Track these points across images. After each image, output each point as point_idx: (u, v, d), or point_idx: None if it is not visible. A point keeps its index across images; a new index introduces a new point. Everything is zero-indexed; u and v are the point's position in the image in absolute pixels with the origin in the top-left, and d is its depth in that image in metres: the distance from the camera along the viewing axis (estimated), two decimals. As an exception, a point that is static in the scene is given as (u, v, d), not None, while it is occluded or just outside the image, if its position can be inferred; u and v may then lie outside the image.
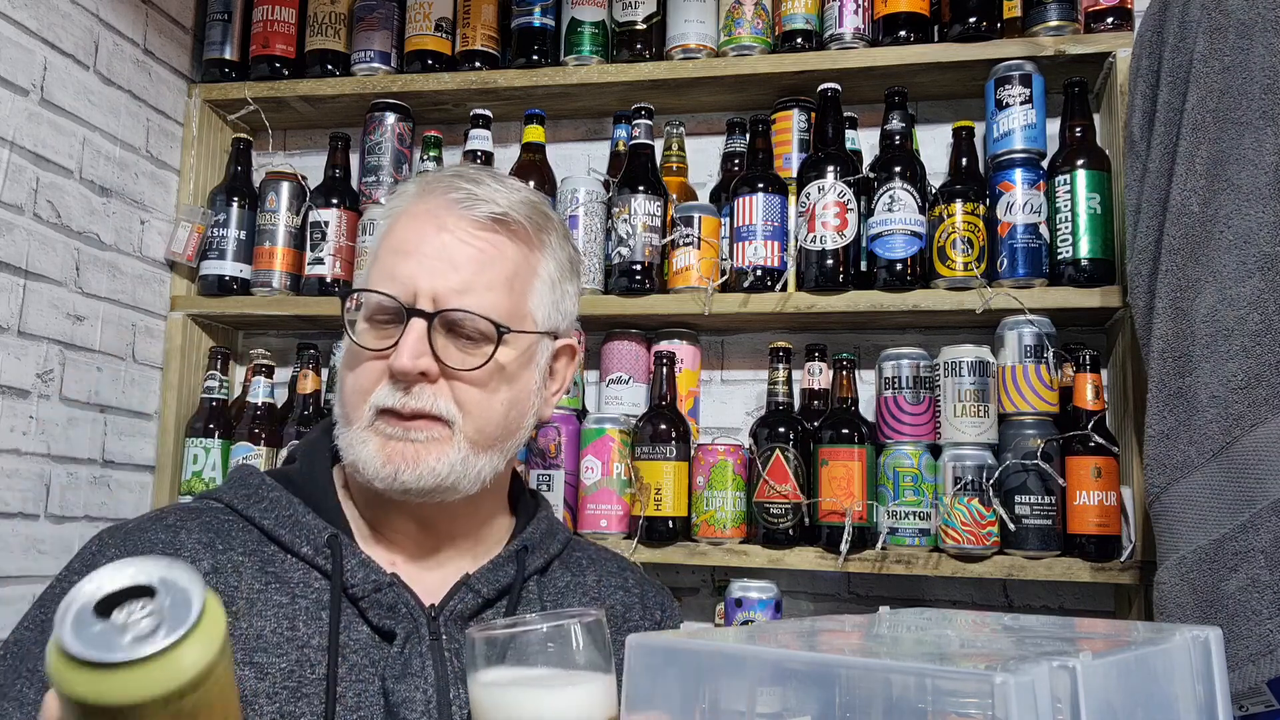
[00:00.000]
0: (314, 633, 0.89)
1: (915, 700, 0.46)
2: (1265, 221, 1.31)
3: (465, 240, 0.95)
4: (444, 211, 0.96)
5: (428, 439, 0.92)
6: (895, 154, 1.78)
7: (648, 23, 1.95)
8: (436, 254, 0.94)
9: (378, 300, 0.95)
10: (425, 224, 0.95)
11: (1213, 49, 1.40)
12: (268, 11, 2.08)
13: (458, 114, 2.08)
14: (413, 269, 0.93)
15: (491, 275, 0.95)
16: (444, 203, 0.96)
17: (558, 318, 1.03)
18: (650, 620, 1.08)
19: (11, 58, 1.66)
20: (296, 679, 0.87)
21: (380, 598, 0.91)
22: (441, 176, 0.99)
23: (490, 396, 0.95)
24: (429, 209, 0.96)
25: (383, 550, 0.98)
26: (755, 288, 1.78)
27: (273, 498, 0.96)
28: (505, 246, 0.96)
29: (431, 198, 0.97)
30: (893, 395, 1.72)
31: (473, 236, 0.95)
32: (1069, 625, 0.67)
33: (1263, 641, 1.22)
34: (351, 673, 0.88)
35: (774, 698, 0.51)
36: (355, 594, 0.91)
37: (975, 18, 1.78)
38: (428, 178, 1.00)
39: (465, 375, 0.93)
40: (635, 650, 0.55)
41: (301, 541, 0.93)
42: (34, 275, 1.70)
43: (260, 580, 0.91)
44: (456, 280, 0.93)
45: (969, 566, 1.66)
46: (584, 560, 1.09)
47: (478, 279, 0.94)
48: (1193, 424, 1.34)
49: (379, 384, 0.93)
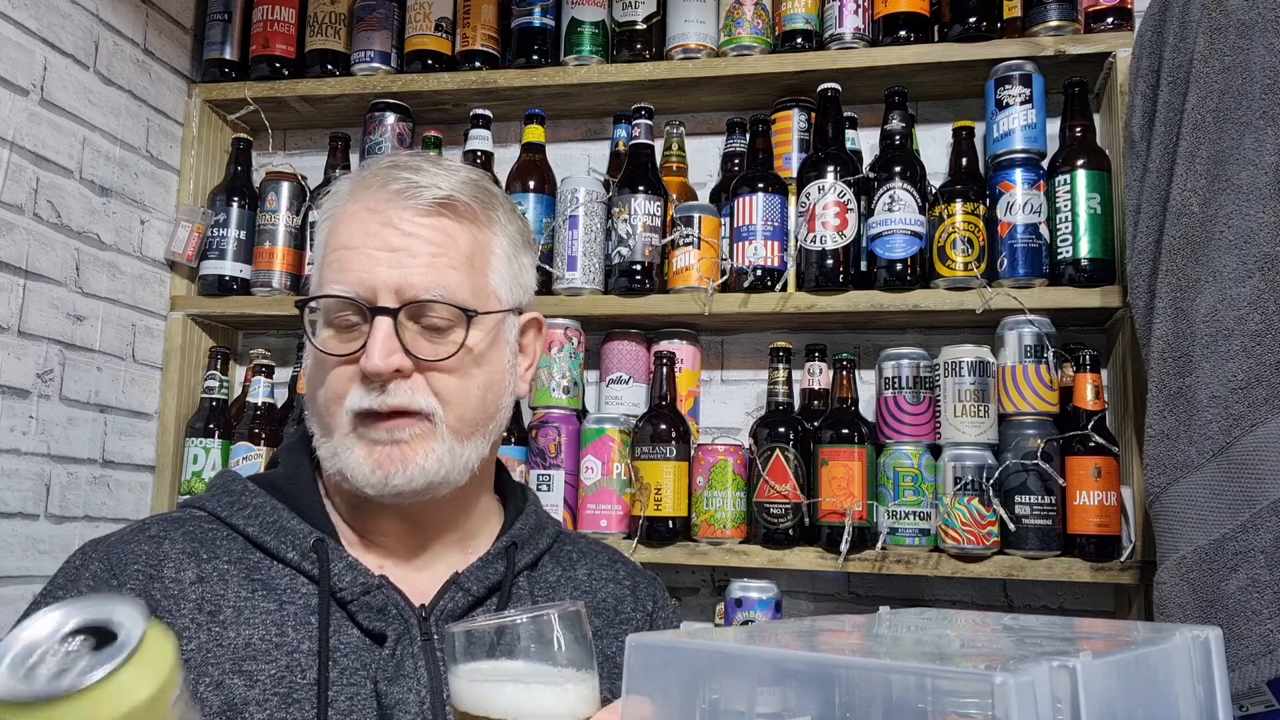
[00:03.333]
0: (303, 638, 0.88)
1: (915, 700, 0.46)
2: (1265, 221, 1.31)
3: (415, 229, 0.92)
4: (387, 204, 0.93)
5: (411, 436, 0.91)
6: (895, 154, 1.77)
7: (648, 23, 1.95)
8: (388, 246, 0.91)
9: (337, 303, 0.92)
10: (370, 220, 0.92)
11: (1213, 49, 1.40)
12: (268, 11, 2.08)
13: (458, 114, 2.08)
14: (367, 265, 0.91)
15: (449, 259, 0.93)
16: (385, 195, 0.93)
17: (519, 292, 1.01)
18: (642, 611, 1.07)
19: (11, 58, 1.66)
20: (287, 685, 0.86)
21: (369, 600, 0.90)
22: (376, 170, 0.96)
23: (466, 382, 0.93)
24: (371, 204, 0.93)
25: (370, 552, 0.97)
26: (755, 288, 1.78)
27: (256, 504, 0.95)
28: (455, 229, 0.94)
29: (369, 192, 0.94)
30: (893, 395, 1.72)
31: (421, 225, 0.93)
32: (1069, 625, 0.67)
33: (1263, 641, 1.22)
34: (343, 676, 0.87)
35: (774, 698, 0.51)
36: (344, 597, 0.90)
37: (975, 18, 1.78)
38: (362, 173, 0.98)
39: (439, 365, 0.92)
40: (635, 650, 0.55)
41: (287, 547, 0.92)
42: (34, 275, 1.70)
43: (247, 588, 0.90)
44: (415, 270, 0.91)
45: (969, 566, 1.65)
46: (574, 554, 1.08)
47: (435, 265, 0.91)
48: (1193, 424, 1.34)
49: (351, 387, 0.91)
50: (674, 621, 1.13)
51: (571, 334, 1.84)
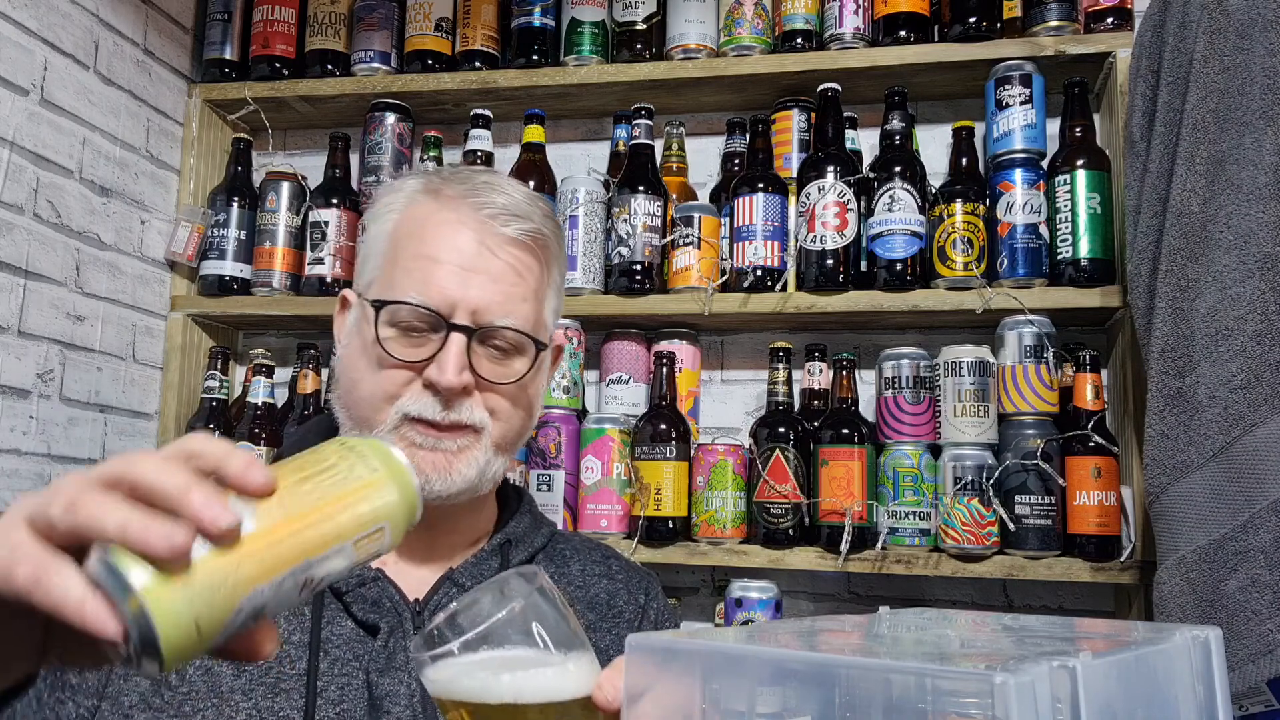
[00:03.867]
0: (295, 628, 0.89)
1: (915, 700, 0.46)
2: (1265, 221, 1.31)
3: (503, 257, 0.96)
4: (479, 226, 0.96)
5: (459, 447, 0.94)
6: (895, 154, 1.77)
7: (648, 23, 1.95)
8: (474, 268, 0.95)
9: (411, 309, 0.94)
10: (459, 234, 0.96)
11: (1213, 49, 1.40)
12: (268, 11, 2.08)
13: (458, 114, 2.08)
14: (453, 282, 0.94)
15: (522, 291, 0.97)
16: (477, 216, 0.96)
17: (556, 321, 1.06)
18: (634, 604, 1.09)
19: (11, 58, 1.66)
20: (274, 675, 0.87)
21: (365, 592, 0.92)
22: (453, 180, 0.99)
23: (515, 403, 0.98)
24: (460, 217, 0.96)
25: None
26: (755, 288, 1.78)
27: None
28: (531, 264, 0.99)
29: (455, 204, 0.97)
30: (893, 395, 1.72)
31: (508, 253, 0.97)
32: (1069, 625, 0.67)
33: (1263, 641, 1.22)
34: (334, 667, 0.88)
35: (774, 698, 0.51)
36: (339, 588, 0.91)
37: (975, 18, 1.78)
38: (437, 180, 1.00)
39: (498, 387, 0.96)
40: (635, 650, 0.55)
41: None
42: (34, 275, 1.70)
43: None
44: (495, 295, 0.95)
45: (969, 566, 1.66)
46: (568, 551, 1.10)
47: (512, 295, 0.96)
48: (1193, 424, 1.34)
49: (407, 390, 0.94)
50: (669, 615, 1.13)
51: (571, 334, 1.84)
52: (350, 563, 0.55)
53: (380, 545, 0.56)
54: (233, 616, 0.49)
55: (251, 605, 0.49)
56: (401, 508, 0.56)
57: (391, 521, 0.56)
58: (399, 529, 0.57)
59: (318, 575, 0.53)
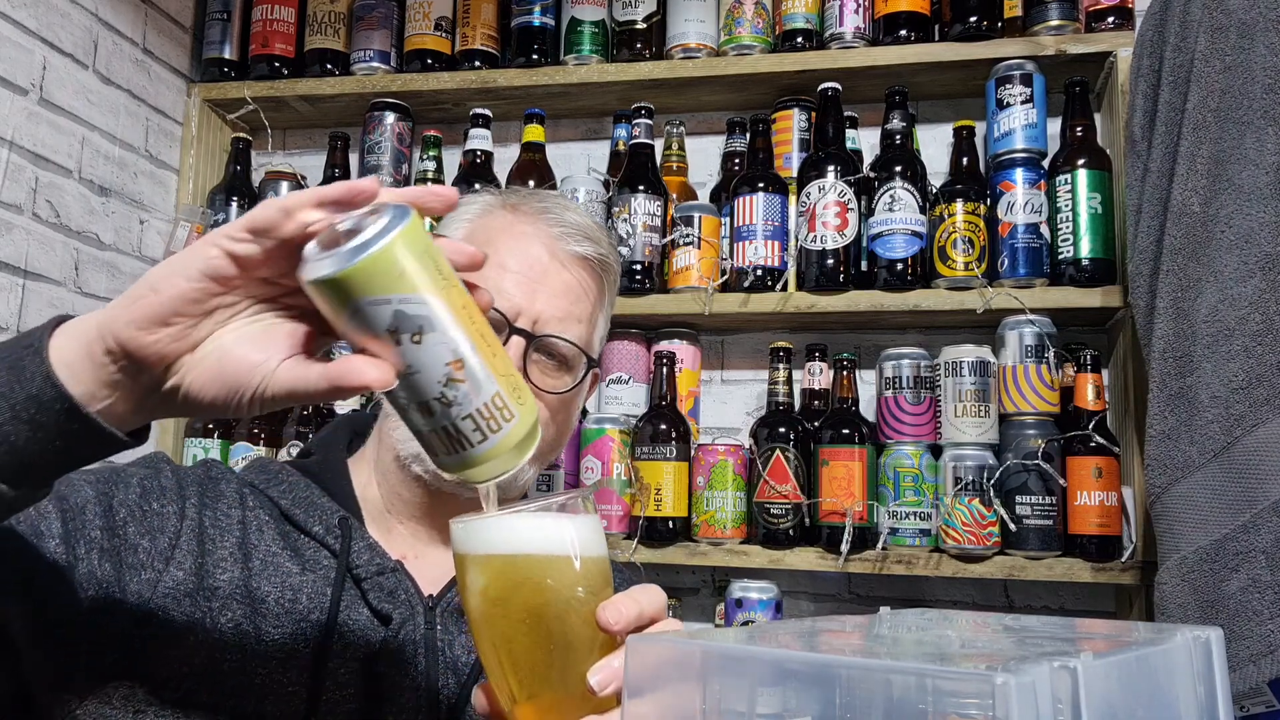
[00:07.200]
0: (314, 608, 0.91)
1: (915, 701, 0.45)
2: (1266, 221, 1.31)
3: (569, 273, 1.00)
4: (552, 240, 1.00)
5: None
6: (896, 153, 1.77)
7: (648, 22, 1.95)
8: (541, 278, 0.98)
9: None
10: (530, 245, 1.00)
11: (1214, 48, 1.40)
12: (267, 11, 2.08)
13: (457, 113, 2.08)
14: (518, 287, 0.97)
15: (582, 308, 1.01)
16: (550, 232, 1.01)
17: (602, 346, 1.10)
18: None
19: (11, 57, 1.65)
20: (288, 650, 0.89)
21: (382, 581, 0.93)
22: (530, 198, 1.05)
23: (558, 416, 1.01)
24: (534, 230, 1.01)
25: (391, 542, 1.01)
26: (755, 288, 1.77)
27: (291, 480, 0.99)
28: (591, 285, 1.03)
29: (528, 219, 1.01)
30: (893, 395, 1.72)
31: (574, 271, 1.01)
32: (1070, 626, 0.66)
33: (1264, 642, 1.22)
34: (345, 651, 0.90)
35: (774, 698, 0.51)
36: (359, 574, 0.93)
37: (976, 17, 1.78)
38: (514, 196, 1.05)
39: (545, 396, 0.98)
40: (635, 650, 0.55)
41: (314, 521, 0.96)
42: (33, 275, 1.70)
43: (278, 544, 0.94)
44: (559, 308, 0.98)
45: (970, 567, 1.65)
46: None
47: (572, 311, 1.00)
48: (1194, 424, 1.33)
49: None
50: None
51: (571, 334, 1.84)
52: (477, 385, 0.60)
53: (511, 422, 0.62)
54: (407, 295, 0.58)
55: (401, 303, 0.57)
56: (524, 426, 0.63)
57: (517, 419, 0.62)
58: (512, 435, 0.62)
59: (461, 355, 0.59)
